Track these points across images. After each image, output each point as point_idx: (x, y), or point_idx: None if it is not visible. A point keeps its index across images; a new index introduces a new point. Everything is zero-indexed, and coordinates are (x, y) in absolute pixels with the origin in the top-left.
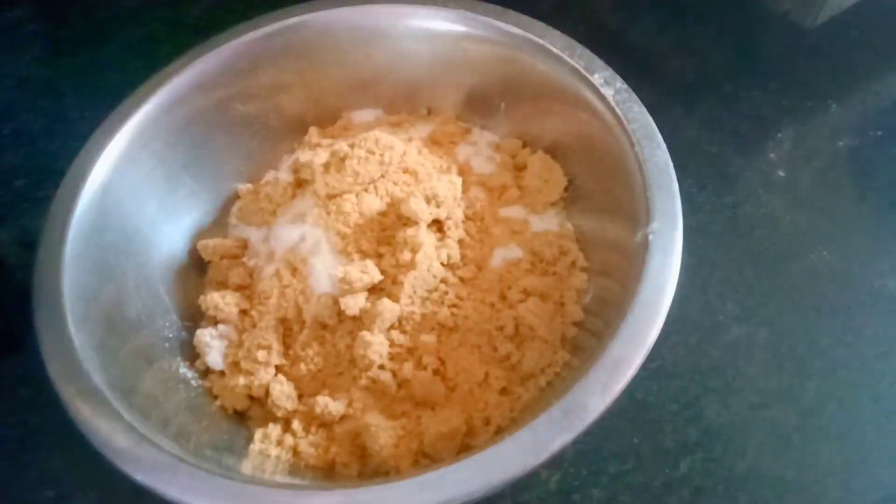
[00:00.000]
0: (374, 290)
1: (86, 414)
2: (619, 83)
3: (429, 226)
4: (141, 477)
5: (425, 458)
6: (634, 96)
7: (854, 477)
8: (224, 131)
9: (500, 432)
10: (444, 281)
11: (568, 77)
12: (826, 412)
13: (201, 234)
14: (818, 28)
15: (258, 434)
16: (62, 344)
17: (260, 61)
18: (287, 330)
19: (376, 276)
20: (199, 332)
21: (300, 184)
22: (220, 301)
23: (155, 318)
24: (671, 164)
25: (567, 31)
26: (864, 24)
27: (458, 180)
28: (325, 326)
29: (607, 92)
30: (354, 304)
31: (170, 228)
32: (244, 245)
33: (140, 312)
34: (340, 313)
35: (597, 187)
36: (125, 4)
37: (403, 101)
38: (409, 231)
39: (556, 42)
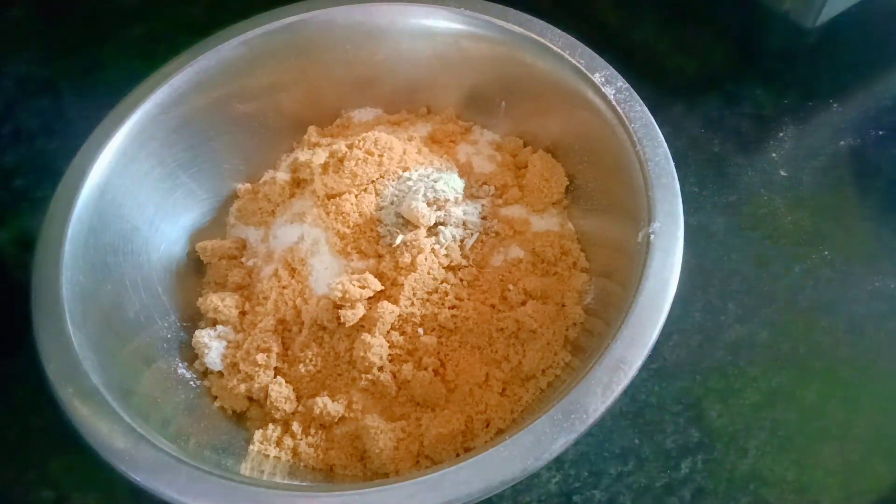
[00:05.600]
0: (374, 293)
1: (84, 414)
2: (620, 82)
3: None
4: (139, 477)
5: (425, 460)
6: (635, 95)
7: (854, 477)
8: (222, 130)
9: (500, 434)
10: (444, 282)
11: (569, 76)
12: (826, 412)
13: (200, 233)
14: (818, 28)
15: (257, 435)
16: (60, 344)
17: (259, 60)
18: (286, 331)
19: (376, 287)
20: (197, 332)
21: (299, 183)
22: (220, 303)
23: (153, 318)
24: (672, 164)
25: (567, 30)
26: (864, 24)
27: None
28: (324, 328)
29: (608, 91)
30: (353, 316)
31: (168, 228)
32: (242, 245)
33: (139, 313)
34: (340, 316)
35: (598, 187)
36: (124, 3)
37: (403, 100)
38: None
39: (556, 40)
